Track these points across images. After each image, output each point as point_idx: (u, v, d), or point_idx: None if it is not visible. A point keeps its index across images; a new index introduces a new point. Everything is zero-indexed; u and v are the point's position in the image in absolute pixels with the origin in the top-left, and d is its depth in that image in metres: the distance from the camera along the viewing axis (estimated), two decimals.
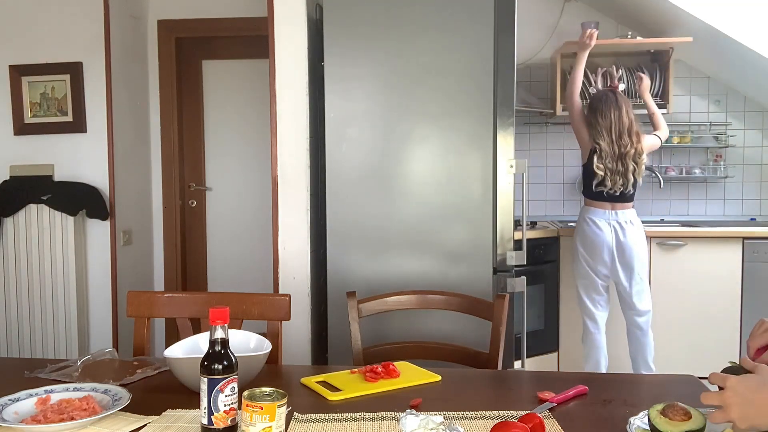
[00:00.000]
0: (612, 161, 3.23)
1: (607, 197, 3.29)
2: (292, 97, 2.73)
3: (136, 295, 1.92)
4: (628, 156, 3.23)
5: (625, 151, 3.23)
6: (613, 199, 3.29)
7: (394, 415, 1.33)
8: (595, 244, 3.30)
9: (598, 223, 3.29)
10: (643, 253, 3.30)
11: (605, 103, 3.28)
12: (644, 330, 3.33)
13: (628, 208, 3.32)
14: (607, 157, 3.24)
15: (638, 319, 3.33)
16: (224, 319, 1.22)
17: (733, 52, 3.71)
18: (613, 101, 3.28)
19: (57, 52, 3.59)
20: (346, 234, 2.69)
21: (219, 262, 4.38)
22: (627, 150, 3.23)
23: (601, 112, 3.27)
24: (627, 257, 3.26)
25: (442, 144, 2.66)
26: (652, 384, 1.67)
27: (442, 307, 2.04)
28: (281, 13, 2.71)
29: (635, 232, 3.29)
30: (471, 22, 2.61)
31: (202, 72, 4.32)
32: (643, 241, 3.31)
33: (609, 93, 3.34)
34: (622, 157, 3.23)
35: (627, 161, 3.23)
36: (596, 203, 3.33)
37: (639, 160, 3.26)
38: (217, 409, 1.17)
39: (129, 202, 3.86)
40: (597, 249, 3.29)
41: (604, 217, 3.29)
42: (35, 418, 1.28)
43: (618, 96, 3.31)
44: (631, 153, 3.24)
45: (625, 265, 3.27)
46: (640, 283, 3.30)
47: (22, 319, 3.57)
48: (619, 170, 3.23)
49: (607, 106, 3.27)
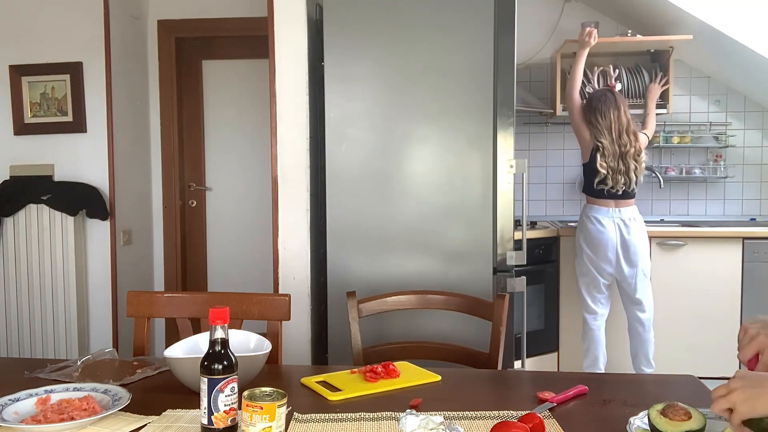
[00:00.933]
0: (614, 160, 3.25)
1: (610, 195, 3.31)
2: (292, 97, 2.73)
3: (136, 295, 1.92)
4: (629, 155, 3.26)
5: (625, 150, 3.25)
6: (616, 196, 3.31)
7: (394, 415, 1.33)
8: (599, 242, 3.30)
9: (602, 221, 3.30)
10: (646, 249, 3.34)
11: (604, 102, 3.30)
12: (646, 326, 3.35)
13: (630, 205, 3.35)
14: (609, 156, 3.25)
15: (641, 315, 3.35)
16: (224, 319, 1.22)
17: (733, 52, 3.71)
18: (612, 101, 3.30)
19: (57, 52, 3.60)
20: (346, 234, 2.69)
21: (219, 262, 4.38)
22: (627, 149, 3.25)
23: (601, 112, 3.29)
24: (632, 254, 3.28)
25: (442, 144, 2.66)
26: (652, 384, 1.67)
27: (442, 307, 2.04)
28: (281, 13, 2.71)
29: (639, 229, 3.31)
30: (471, 22, 2.61)
31: (202, 72, 4.32)
32: (646, 237, 3.35)
33: (608, 92, 3.36)
34: (623, 156, 3.25)
35: (628, 160, 3.26)
36: (599, 201, 3.34)
37: (639, 159, 3.28)
38: (217, 409, 1.17)
39: (129, 202, 3.86)
40: (601, 247, 3.30)
41: (608, 215, 3.30)
42: (35, 418, 1.28)
43: (616, 95, 3.34)
44: (631, 152, 3.26)
45: (630, 262, 3.29)
46: (644, 280, 3.33)
47: (22, 319, 3.57)
48: (621, 169, 3.25)
49: (606, 106, 3.29)
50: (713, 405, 1.02)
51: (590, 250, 3.34)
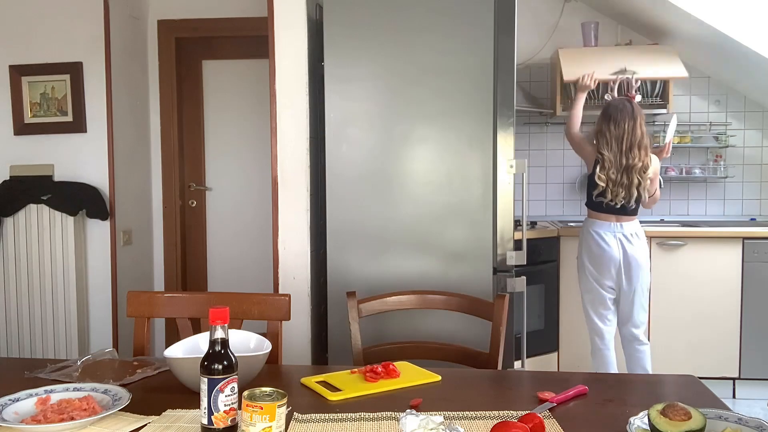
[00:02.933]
0: (617, 172, 3.14)
1: (608, 209, 3.21)
2: (292, 97, 2.73)
3: (136, 295, 1.92)
4: (635, 169, 3.13)
5: (632, 164, 3.13)
6: (616, 211, 3.21)
7: (394, 415, 1.33)
8: (602, 258, 3.21)
9: (604, 237, 3.20)
10: (647, 266, 3.24)
11: (621, 111, 3.18)
12: (642, 340, 3.27)
13: (632, 221, 3.24)
14: (611, 168, 3.14)
15: (635, 330, 3.26)
16: (224, 319, 1.22)
17: (733, 52, 3.71)
18: (629, 111, 3.18)
19: (57, 52, 3.60)
20: (346, 234, 2.69)
21: (219, 262, 4.38)
22: (634, 163, 3.13)
23: (615, 121, 3.16)
24: (633, 271, 3.19)
25: (442, 144, 2.67)
26: (652, 384, 1.67)
27: (442, 307, 2.04)
28: (281, 13, 2.71)
29: (641, 246, 3.22)
30: (471, 23, 2.61)
31: (202, 72, 4.32)
32: (647, 254, 3.25)
33: (626, 102, 3.24)
34: (628, 170, 3.13)
35: (632, 174, 3.13)
36: (601, 215, 3.24)
37: (644, 175, 3.15)
38: (217, 409, 1.17)
39: (129, 202, 3.86)
40: (604, 263, 3.21)
41: (610, 230, 3.20)
42: (35, 418, 1.28)
43: (635, 106, 3.21)
44: (638, 166, 3.13)
45: (630, 279, 3.20)
46: (641, 297, 3.23)
47: (22, 319, 3.57)
48: (623, 183, 3.14)
49: (622, 116, 3.16)
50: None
51: (593, 266, 3.24)
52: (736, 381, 3.65)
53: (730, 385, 3.66)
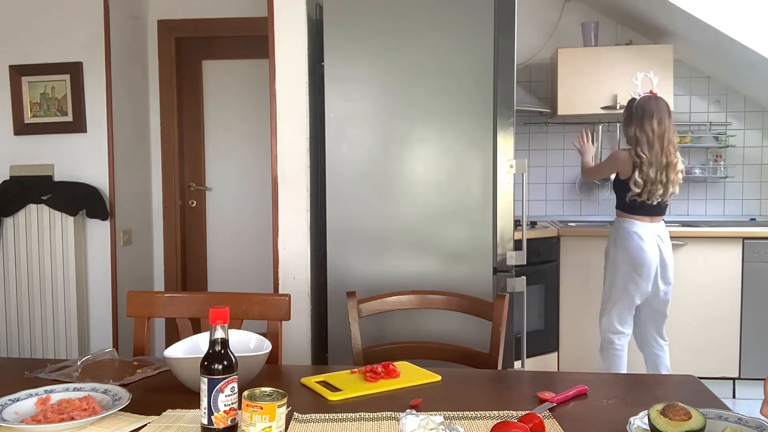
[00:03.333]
0: (657, 171, 3.05)
1: (644, 209, 3.13)
2: (292, 97, 2.73)
3: (136, 295, 1.92)
4: (671, 166, 3.07)
5: (671, 161, 3.07)
6: (650, 211, 3.14)
7: (394, 415, 1.33)
8: (645, 261, 3.11)
9: (645, 239, 3.11)
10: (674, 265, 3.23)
11: (660, 110, 3.09)
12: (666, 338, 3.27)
13: (661, 220, 3.20)
14: (650, 167, 3.05)
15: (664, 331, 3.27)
16: (224, 319, 1.22)
17: (733, 52, 3.71)
18: (666, 108, 3.11)
19: (57, 52, 3.60)
20: (346, 234, 2.69)
21: (219, 262, 4.38)
22: (674, 160, 3.08)
23: (659, 118, 3.07)
24: (669, 271, 3.17)
25: (442, 144, 2.66)
26: (652, 384, 1.67)
27: (442, 307, 2.04)
28: (281, 13, 2.71)
29: (670, 245, 3.20)
30: (471, 22, 2.61)
31: (202, 72, 4.32)
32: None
33: (659, 99, 3.16)
34: (668, 167, 3.07)
35: (670, 171, 3.07)
36: (637, 217, 3.14)
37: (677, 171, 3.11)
38: (217, 409, 1.17)
39: (129, 202, 3.86)
40: (646, 267, 3.11)
41: (647, 231, 3.13)
42: (35, 418, 1.28)
43: (666, 103, 3.16)
44: (674, 162, 3.08)
45: (666, 279, 3.17)
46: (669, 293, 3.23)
47: (22, 319, 3.57)
48: (662, 180, 3.06)
49: (663, 113, 3.09)
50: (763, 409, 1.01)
51: (635, 270, 3.12)
52: (736, 381, 3.65)
53: (730, 385, 3.66)
